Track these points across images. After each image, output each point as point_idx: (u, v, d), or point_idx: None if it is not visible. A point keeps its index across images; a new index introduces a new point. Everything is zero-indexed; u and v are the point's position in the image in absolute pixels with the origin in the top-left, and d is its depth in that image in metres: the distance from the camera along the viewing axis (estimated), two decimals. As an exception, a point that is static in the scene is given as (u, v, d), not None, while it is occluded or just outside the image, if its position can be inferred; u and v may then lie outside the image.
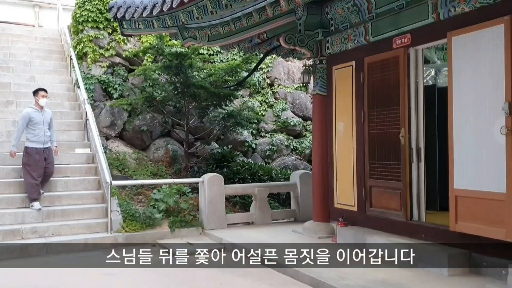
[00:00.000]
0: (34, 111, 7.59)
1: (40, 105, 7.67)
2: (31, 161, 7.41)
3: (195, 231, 7.83)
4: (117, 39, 10.98)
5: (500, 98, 4.67)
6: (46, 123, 7.65)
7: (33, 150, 7.43)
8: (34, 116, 7.53)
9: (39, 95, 7.67)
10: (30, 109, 7.62)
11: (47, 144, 7.63)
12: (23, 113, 7.60)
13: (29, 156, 7.42)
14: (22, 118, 7.51)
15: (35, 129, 7.49)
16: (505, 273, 4.67)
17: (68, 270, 5.92)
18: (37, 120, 7.52)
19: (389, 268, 5.30)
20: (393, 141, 6.06)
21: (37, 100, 7.68)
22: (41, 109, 7.69)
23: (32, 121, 7.48)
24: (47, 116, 7.74)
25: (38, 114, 7.60)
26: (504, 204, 4.64)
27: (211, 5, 6.22)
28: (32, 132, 7.47)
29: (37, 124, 7.51)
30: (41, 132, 7.52)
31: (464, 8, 5.03)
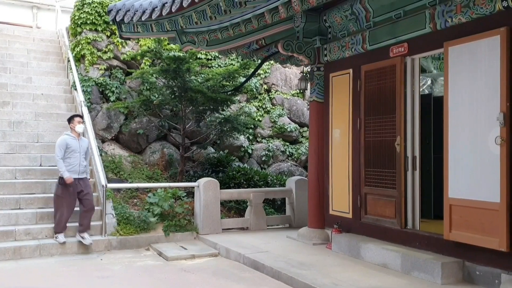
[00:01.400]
0: (71, 138, 7.04)
1: (76, 132, 7.15)
2: (64, 193, 6.89)
3: (190, 235, 7.82)
4: (115, 42, 11.00)
5: (495, 108, 4.71)
6: (82, 152, 7.09)
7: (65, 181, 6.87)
8: (70, 144, 6.96)
9: (75, 121, 7.16)
10: (66, 136, 7.07)
11: (82, 175, 7.03)
12: (59, 140, 7.01)
13: (63, 187, 6.88)
14: (59, 145, 6.92)
15: (70, 157, 6.92)
16: (498, 283, 4.69)
17: (61, 273, 5.89)
18: (73, 148, 6.96)
19: (383, 276, 5.32)
20: (388, 149, 6.09)
21: (73, 127, 7.15)
22: (78, 136, 7.17)
23: (68, 149, 6.92)
24: (83, 144, 7.19)
25: (75, 142, 7.04)
26: (497, 213, 4.66)
27: (210, 10, 6.25)
28: (67, 161, 6.89)
29: (73, 152, 6.95)
30: (76, 161, 6.95)
31: (461, 18, 5.09)
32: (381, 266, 5.71)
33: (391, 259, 5.60)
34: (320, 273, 5.41)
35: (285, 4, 6.29)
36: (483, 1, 4.83)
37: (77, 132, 7.16)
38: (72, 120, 7.21)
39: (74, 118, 7.22)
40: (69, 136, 7.08)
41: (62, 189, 6.90)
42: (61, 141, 6.98)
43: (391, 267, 5.58)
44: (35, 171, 8.23)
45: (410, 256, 5.39)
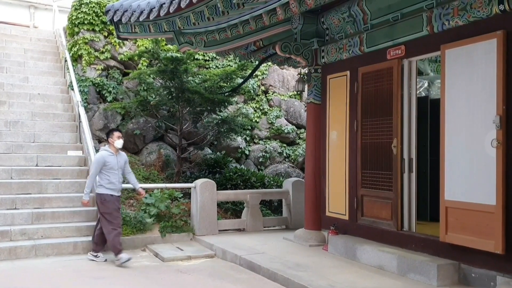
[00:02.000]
0: (109, 155, 6.57)
1: (115, 148, 6.64)
2: (110, 208, 6.47)
3: (186, 236, 7.81)
4: (112, 42, 10.99)
5: (492, 111, 4.73)
6: (120, 168, 6.66)
7: (110, 197, 6.48)
8: (109, 160, 6.51)
9: (114, 136, 6.63)
10: (104, 152, 6.59)
11: (119, 193, 6.67)
12: (97, 156, 6.57)
13: (107, 203, 6.45)
14: (97, 162, 6.48)
15: (109, 174, 6.48)
16: (494, 285, 4.71)
17: (57, 273, 5.87)
18: (111, 165, 6.51)
19: (379, 278, 5.32)
20: (385, 151, 6.10)
21: (112, 142, 6.62)
22: (116, 152, 6.66)
23: (106, 166, 6.48)
24: (121, 160, 6.71)
25: (113, 158, 6.57)
26: (493, 216, 4.68)
27: (208, 11, 6.24)
28: (107, 178, 6.48)
29: (112, 169, 6.51)
30: (116, 178, 6.54)
31: (458, 21, 5.10)
32: (377, 268, 5.72)
33: (387, 261, 5.61)
34: (316, 274, 5.41)
35: (283, 6, 6.30)
36: (480, 4, 4.85)
37: (115, 147, 6.64)
38: (111, 135, 6.67)
39: (113, 133, 6.69)
40: (107, 152, 6.57)
41: (106, 205, 6.47)
42: (100, 158, 6.50)
43: (387, 269, 5.59)
44: (31, 171, 8.20)
45: (406, 258, 5.40)
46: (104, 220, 6.48)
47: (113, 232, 6.42)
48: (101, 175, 6.50)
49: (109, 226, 6.44)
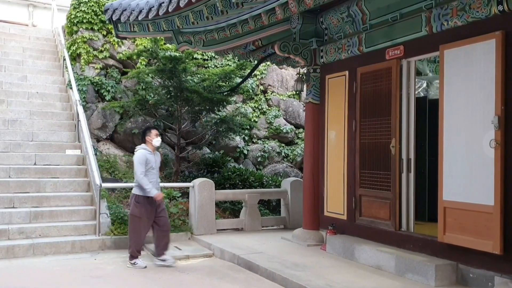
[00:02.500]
0: (149, 153, 6.30)
1: (153, 146, 6.39)
2: (143, 213, 6.18)
3: (184, 236, 7.80)
4: (111, 41, 10.98)
5: (490, 112, 4.73)
6: (157, 167, 6.47)
7: (145, 200, 6.20)
8: (149, 159, 6.26)
9: (152, 134, 6.38)
10: (144, 150, 6.30)
11: (158, 191, 6.34)
12: (138, 155, 6.25)
13: (141, 206, 6.18)
14: (140, 161, 6.18)
15: (149, 174, 6.22)
16: (492, 285, 4.71)
17: (54, 272, 5.87)
18: (152, 164, 6.28)
19: (377, 278, 5.32)
20: (383, 151, 6.11)
21: (149, 140, 6.37)
22: (153, 150, 6.41)
23: (147, 165, 6.23)
24: (158, 160, 6.51)
25: (152, 157, 6.33)
26: (491, 216, 4.69)
27: (207, 11, 6.24)
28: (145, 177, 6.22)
29: (151, 168, 6.28)
30: (155, 178, 6.30)
31: (456, 22, 5.11)
32: (375, 268, 5.72)
33: (385, 261, 5.61)
34: (314, 274, 5.41)
35: (282, 6, 6.30)
36: (479, 5, 4.85)
37: (153, 146, 6.40)
38: (149, 133, 6.42)
39: (151, 131, 6.44)
40: (146, 151, 6.31)
41: (140, 208, 6.19)
42: (142, 156, 6.23)
43: (385, 269, 5.59)
44: (29, 170, 8.19)
45: (404, 258, 5.40)
46: (135, 224, 6.22)
47: (140, 238, 6.24)
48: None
49: (137, 231, 6.21)
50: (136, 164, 6.25)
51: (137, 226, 6.22)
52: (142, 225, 6.22)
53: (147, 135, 6.42)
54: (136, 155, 6.30)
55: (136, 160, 6.26)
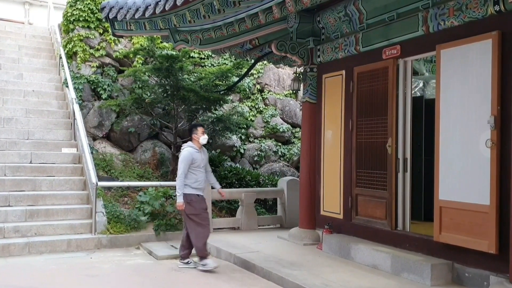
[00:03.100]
0: (196, 151, 6.12)
1: (199, 144, 6.22)
2: (197, 209, 6.05)
3: (180, 234, 7.76)
4: (108, 39, 10.95)
5: (486, 112, 4.74)
6: (205, 165, 6.29)
7: (196, 198, 6.06)
8: (196, 158, 6.09)
9: (199, 132, 6.21)
10: (190, 148, 6.12)
11: (203, 192, 6.26)
12: (184, 154, 6.06)
13: (194, 203, 6.03)
14: (185, 160, 6.01)
15: (196, 173, 6.06)
16: (487, 284, 4.73)
17: (50, 271, 5.85)
18: (198, 162, 6.10)
19: (373, 277, 5.33)
20: (380, 151, 6.11)
21: (196, 138, 6.21)
22: (200, 148, 6.23)
23: (193, 164, 6.06)
24: (205, 157, 6.31)
25: (199, 155, 6.15)
26: (487, 216, 4.70)
27: (204, 9, 6.23)
28: (193, 177, 6.05)
29: (198, 167, 6.10)
30: (202, 177, 6.15)
31: (453, 22, 5.12)
32: (371, 267, 5.73)
33: (381, 260, 5.62)
34: (311, 273, 5.42)
35: (279, 5, 6.30)
36: (476, 5, 4.86)
37: (200, 143, 6.23)
38: (195, 130, 6.24)
39: (197, 128, 6.26)
40: (193, 149, 6.13)
41: (193, 206, 6.03)
42: (188, 155, 6.04)
43: (381, 268, 5.60)
44: (24, 168, 8.16)
45: (400, 257, 5.41)
46: (191, 222, 6.04)
47: (204, 235, 6.06)
48: (187, 174, 6.06)
49: (198, 228, 6.03)
50: (179, 163, 6.08)
51: (197, 223, 6.02)
52: (201, 219, 6.05)
53: (194, 132, 6.24)
54: (182, 154, 6.09)
55: (180, 158, 6.07)
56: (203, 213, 6.10)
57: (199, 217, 6.05)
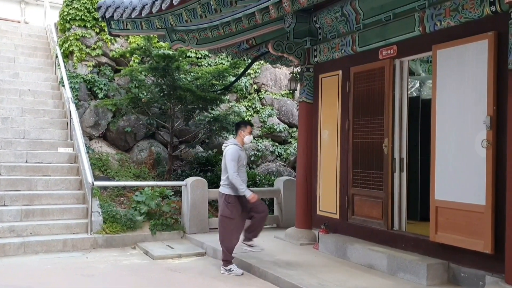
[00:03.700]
0: (240, 150, 5.86)
1: (243, 142, 5.97)
2: (234, 213, 5.75)
3: (177, 234, 7.78)
4: (104, 38, 10.92)
5: (482, 112, 4.75)
6: (245, 165, 6.06)
7: (237, 200, 5.78)
8: (241, 156, 5.82)
9: (247, 130, 5.96)
10: (236, 146, 5.83)
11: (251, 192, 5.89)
12: (232, 151, 5.76)
13: (233, 207, 5.75)
14: (233, 159, 5.71)
15: (239, 172, 5.76)
16: (482, 284, 4.74)
17: (45, 271, 5.83)
18: (242, 161, 5.85)
19: (369, 277, 5.34)
20: (376, 151, 6.12)
21: (242, 136, 5.95)
22: (242, 146, 5.99)
23: (239, 162, 5.78)
24: (246, 157, 6.14)
25: (243, 153, 5.90)
26: (483, 216, 4.71)
27: (200, 8, 6.22)
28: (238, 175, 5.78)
29: (241, 166, 5.83)
30: (243, 176, 5.85)
31: (449, 22, 5.13)
32: (367, 267, 5.73)
33: (377, 260, 5.62)
34: (307, 273, 5.42)
35: (276, 4, 6.29)
36: (472, 5, 4.87)
37: (244, 142, 6.00)
38: (244, 128, 5.98)
39: (246, 126, 6.01)
40: (238, 147, 5.85)
41: (231, 209, 5.77)
42: (235, 153, 5.76)
43: (377, 268, 5.61)
44: (20, 168, 8.13)
45: (396, 257, 5.42)
46: (227, 226, 5.78)
47: (233, 241, 5.79)
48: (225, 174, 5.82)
49: (230, 233, 5.76)
50: (229, 161, 5.74)
51: (229, 228, 5.76)
52: (234, 227, 5.78)
53: (242, 129, 5.97)
54: (230, 152, 5.78)
55: (230, 157, 5.75)
56: (237, 219, 5.78)
57: (235, 223, 5.77)
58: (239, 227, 5.83)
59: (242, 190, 5.70)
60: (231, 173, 5.70)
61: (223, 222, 5.82)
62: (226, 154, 5.83)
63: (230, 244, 5.80)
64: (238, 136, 5.99)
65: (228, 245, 5.81)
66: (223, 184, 5.87)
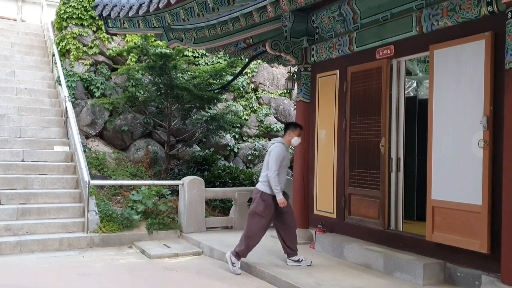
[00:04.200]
0: (286, 150, 5.75)
1: (290, 144, 5.87)
2: (267, 213, 5.65)
3: (173, 234, 7.77)
4: (101, 37, 10.89)
5: (479, 112, 4.76)
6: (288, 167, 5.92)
7: (271, 200, 5.65)
8: (286, 156, 5.71)
9: (296, 132, 5.82)
10: (283, 145, 5.72)
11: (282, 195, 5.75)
12: (278, 150, 5.64)
13: (267, 206, 5.63)
14: (279, 157, 5.61)
15: (281, 172, 5.64)
16: (478, 284, 4.76)
17: (42, 270, 5.81)
18: (286, 162, 5.71)
19: (366, 276, 5.34)
20: (373, 150, 6.12)
21: (291, 137, 5.82)
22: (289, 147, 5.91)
23: (282, 162, 5.65)
24: (289, 158, 6.01)
25: (288, 155, 5.78)
26: (479, 216, 4.72)
27: (198, 7, 6.21)
28: (278, 177, 5.64)
29: (285, 166, 5.71)
30: (284, 178, 5.72)
31: (447, 22, 5.13)
32: (364, 266, 5.74)
33: (374, 260, 5.63)
34: (303, 272, 5.42)
35: (273, 4, 6.29)
36: (469, 5, 4.88)
37: (292, 144, 5.92)
38: (294, 129, 5.83)
39: (297, 128, 5.86)
40: (285, 147, 5.74)
41: (265, 208, 5.64)
42: (281, 152, 5.65)
43: (373, 268, 5.62)
44: (16, 166, 8.10)
45: (392, 257, 5.43)
46: (257, 223, 5.67)
47: (256, 239, 5.73)
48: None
49: (257, 230, 5.69)
50: (273, 160, 5.61)
51: (258, 226, 5.67)
52: (263, 226, 5.70)
53: (291, 130, 5.84)
54: (276, 150, 5.66)
55: (275, 155, 5.62)
56: (267, 222, 5.71)
57: (264, 222, 5.68)
58: (266, 227, 5.75)
59: (276, 191, 5.59)
60: (271, 172, 5.58)
61: (254, 218, 5.70)
62: (272, 151, 5.71)
63: (255, 242, 5.72)
64: (287, 136, 5.84)
65: (253, 242, 5.71)
66: (262, 181, 5.74)
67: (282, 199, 5.62)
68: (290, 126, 5.93)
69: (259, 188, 5.75)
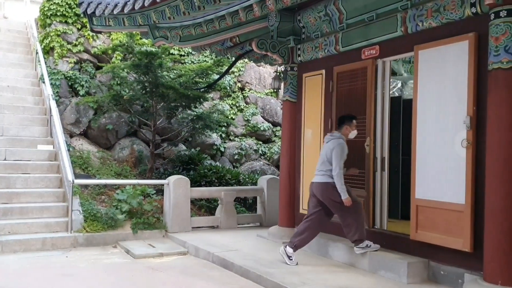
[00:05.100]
0: (345, 144, 5.67)
1: (347, 137, 5.77)
2: (353, 196, 5.65)
3: (158, 233, 7.72)
4: (86, 35, 10.77)
5: (462, 112, 4.81)
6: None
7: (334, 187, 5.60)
8: (346, 152, 5.64)
9: (353, 125, 5.74)
10: (343, 141, 5.64)
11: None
12: (342, 145, 5.57)
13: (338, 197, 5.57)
14: (342, 153, 5.54)
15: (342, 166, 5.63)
16: (461, 282, 4.81)
17: (24, 270, 5.72)
18: (345, 156, 5.64)
19: (351, 275, 5.37)
20: (358, 150, 6.15)
21: (348, 131, 5.73)
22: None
23: (343, 155, 5.60)
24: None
25: (346, 150, 5.67)
26: (462, 215, 4.78)
27: (183, 5, 6.17)
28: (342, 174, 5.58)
29: (344, 160, 5.66)
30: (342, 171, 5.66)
31: (431, 23, 5.18)
32: (349, 265, 5.77)
33: (359, 258, 5.66)
34: (289, 271, 5.42)
35: (260, 3, 6.28)
36: (453, 6, 4.92)
37: (349, 137, 5.80)
38: (351, 122, 5.72)
39: (353, 121, 5.75)
40: (343, 141, 5.64)
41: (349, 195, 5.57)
42: (343, 145, 5.56)
43: (358, 266, 5.65)
44: (-2, 165, 7.97)
45: (377, 255, 5.46)
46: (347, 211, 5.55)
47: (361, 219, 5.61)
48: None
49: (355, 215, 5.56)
50: (336, 157, 5.50)
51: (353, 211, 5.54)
52: (357, 207, 5.60)
53: (348, 124, 5.72)
54: (339, 146, 5.54)
55: (339, 151, 5.51)
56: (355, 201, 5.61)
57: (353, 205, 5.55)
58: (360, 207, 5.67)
59: (342, 190, 5.51)
60: (337, 170, 5.50)
61: (344, 209, 5.56)
62: (335, 147, 5.56)
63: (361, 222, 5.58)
64: (344, 130, 5.73)
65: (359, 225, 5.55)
66: (323, 174, 5.65)
67: (348, 198, 5.51)
68: (346, 119, 5.77)
69: (325, 180, 5.62)
